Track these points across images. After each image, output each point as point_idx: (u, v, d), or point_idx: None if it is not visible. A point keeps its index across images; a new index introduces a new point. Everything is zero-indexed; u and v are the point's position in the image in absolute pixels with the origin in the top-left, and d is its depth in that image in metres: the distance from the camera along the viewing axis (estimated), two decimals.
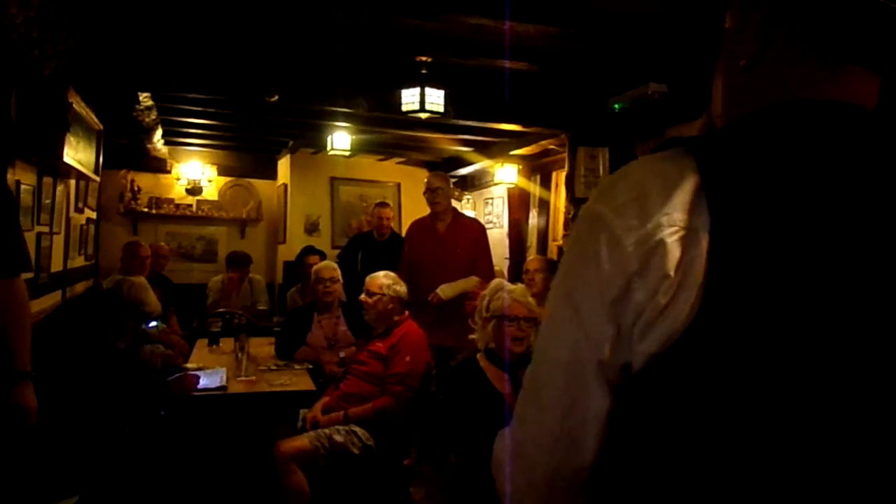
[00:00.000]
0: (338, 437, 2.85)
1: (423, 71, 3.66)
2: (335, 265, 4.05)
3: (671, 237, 0.59)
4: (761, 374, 0.56)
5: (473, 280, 3.80)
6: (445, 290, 3.73)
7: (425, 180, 4.15)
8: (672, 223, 0.59)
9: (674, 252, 0.58)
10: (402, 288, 3.23)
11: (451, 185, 4.20)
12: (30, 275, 2.85)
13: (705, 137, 0.65)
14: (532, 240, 6.25)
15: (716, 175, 0.60)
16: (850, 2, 0.61)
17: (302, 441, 2.82)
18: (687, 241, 0.58)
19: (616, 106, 3.89)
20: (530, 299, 2.57)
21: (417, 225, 4.18)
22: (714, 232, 0.57)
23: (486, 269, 3.94)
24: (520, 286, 2.62)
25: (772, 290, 0.56)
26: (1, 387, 2.04)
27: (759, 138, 0.62)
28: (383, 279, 3.22)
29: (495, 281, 2.73)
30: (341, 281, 3.99)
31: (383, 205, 4.95)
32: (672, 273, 0.58)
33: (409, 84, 3.70)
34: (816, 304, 0.56)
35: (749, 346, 0.56)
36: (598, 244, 0.62)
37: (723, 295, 0.57)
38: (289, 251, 6.32)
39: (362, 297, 3.21)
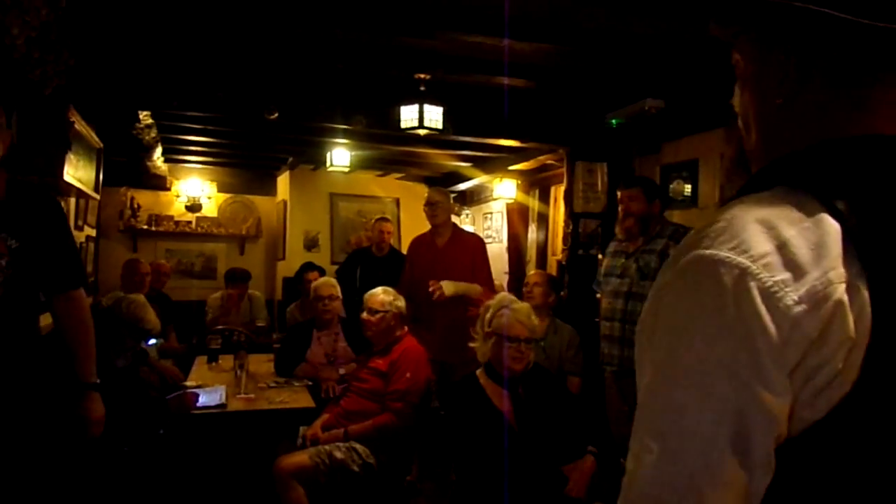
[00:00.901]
0: (338, 454, 2.83)
1: (422, 88, 3.69)
2: (334, 282, 4.05)
3: (844, 293, 0.54)
4: None
5: (477, 288, 3.80)
6: (448, 287, 3.72)
7: (425, 195, 4.17)
8: (840, 278, 0.54)
9: (850, 312, 0.54)
10: (402, 303, 3.23)
11: (451, 200, 4.22)
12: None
13: (804, 172, 0.62)
14: (531, 254, 6.26)
15: (857, 220, 0.56)
16: (871, 28, 0.61)
17: (302, 457, 2.80)
18: (850, 296, 0.54)
19: (613, 121, 3.92)
20: (534, 319, 2.57)
21: (417, 242, 4.19)
22: (872, 283, 0.54)
23: (486, 281, 3.96)
24: (524, 305, 2.60)
25: None
26: (68, 398, 2.14)
27: (877, 177, 0.60)
28: (384, 296, 3.21)
29: (501, 295, 2.72)
30: (340, 298, 3.99)
31: (384, 220, 4.96)
32: (853, 335, 0.53)
33: (408, 101, 3.73)
34: None
35: None
36: (752, 302, 0.54)
37: (889, 349, 0.53)
38: (288, 267, 6.32)
39: (364, 315, 3.19)
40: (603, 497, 2.36)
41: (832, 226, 0.56)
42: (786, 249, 0.55)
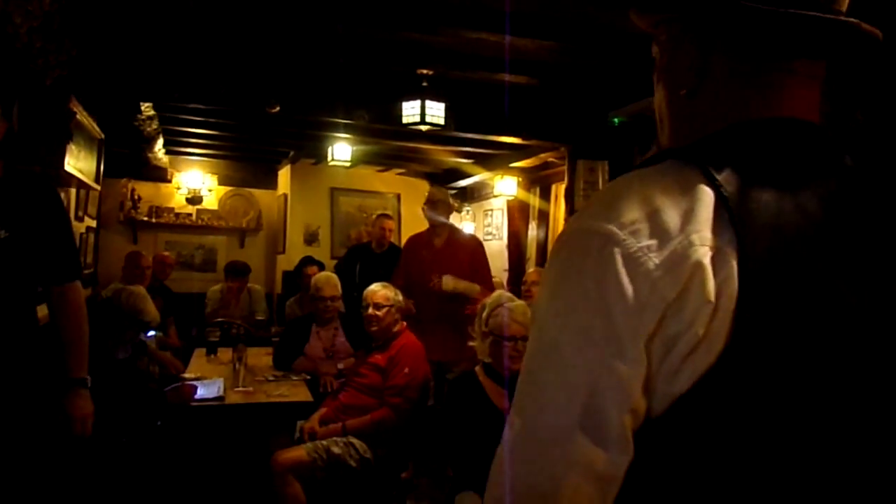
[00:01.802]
0: (335, 449, 2.84)
1: (424, 84, 3.69)
2: (336, 281, 3.97)
3: (706, 257, 0.53)
4: (801, 403, 0.53)
5: (477, 287, 3.79)
6: (448, 281, 3.69)
7: (426, 191, 4.16)
8: (703, 241, 0.53)
9: (710, 276, 0.53)
10: (402, 298, 3.25)
11: (451, 200, 4.20)
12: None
13: (695, 151, 0.62)
14: (531, 252, 6.25)
15: (734, 190, 0.56)
16: (772, 14, 0.60)
17: (299, 452, 2.81)
18: (717, 262, 0.53)
19: (615, 120, 3.92)
20: (530, 316, 2.56)
21: (414, 241, 4.16)
22: (741, 250, 0.53)
23: (486, 282, 3.93)
24: (520, 303, 2.58)
25: (805, 311, 0.54)
26: (55, 394, 2.08)
27: (759, 153, 0.61)
28: (386, 291, 3.22)
29: (497, 293, 2.71)
30: (341, 294, 3.98)
31: (386, 216, 4.95)
32: (712, 299, 0.52)
33: (410, 96, 3.72)
34: (851, 322, 0.55)
35: (788, 373, 0.52)
36: (613, 268, 0.54)
37: (756, 319, 0.52)
38: (288, 261, 6.32)
39: (370, 310, 3.18)
40: None
41: (706, 193, 0.55)
42: (656, 217, 0.55)
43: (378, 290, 3.23)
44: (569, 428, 0.53)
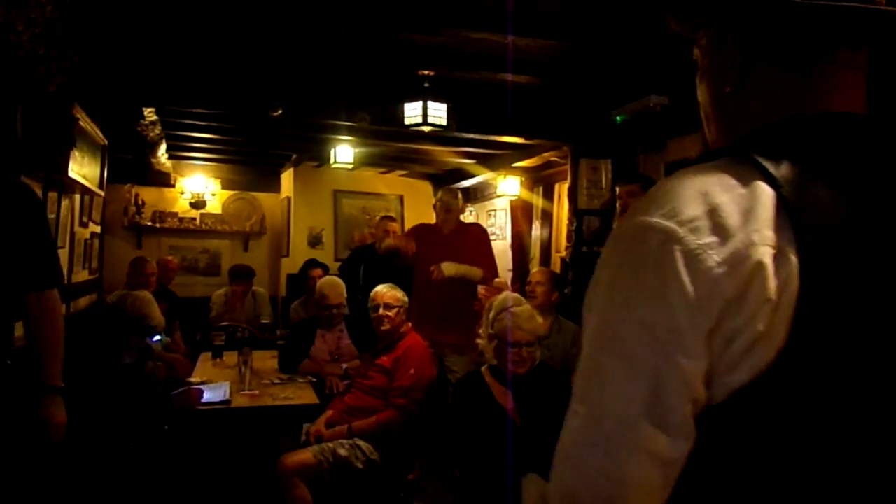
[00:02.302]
0: (342, 451, 2.84)
1: (426, 85, 3.69)
2: (343, 288, 3.94)
3: (767, 256, 0.54)
4: (859, 399, 0.54)
5: (478, 271, 3.82)
6: (449, 268, 3.73)
7: (439, 195, 4.20)
8: (764, 241, 0.55)
9: (772, 274, 0.54)
10: (407, 298, 3.27)
11: (461, 203, 4.27)
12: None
13: (751, 145, 0.62)
14: (535, 251, 6.24)
15: (793, 187, 0.57)
16: (812, 7, 0.61)
17: (305, 455, 2.81)
18: (778, 261, 0.54)
19: (618, 118, 3.90)
20: (538, 320, 2.56)
21: (422, 227, 4.22)
22: (802, 248, 0.54)
23: (489, 268, 4.00)
24: (526, 307, 2.57)
25: (865, 309, 0.54)
26: (29, 400, 2.04)
27: (812, 147, 0.61)
28: (394, 291, 3.25)
29: (504, 295, 2.71)
30: (346, 296, 3.98)
31: (390, 218, 4.95)
32: (773, 296, 0.54)
33: (412, 98, 3.72)
34: None
35: (848, 370, 0.53)
36: (674, 265, 0.55)
37: (816, 317, 0.54)
38: (292, 264, 6.33)
39: (381, 311, 3.18)
40: None
41: (766, 192, 0.56)
42: (715, 214, 0.56)
43: (387, 292, 3.24)
44: (634, 416, 0.55)
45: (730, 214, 0.56)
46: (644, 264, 0.57)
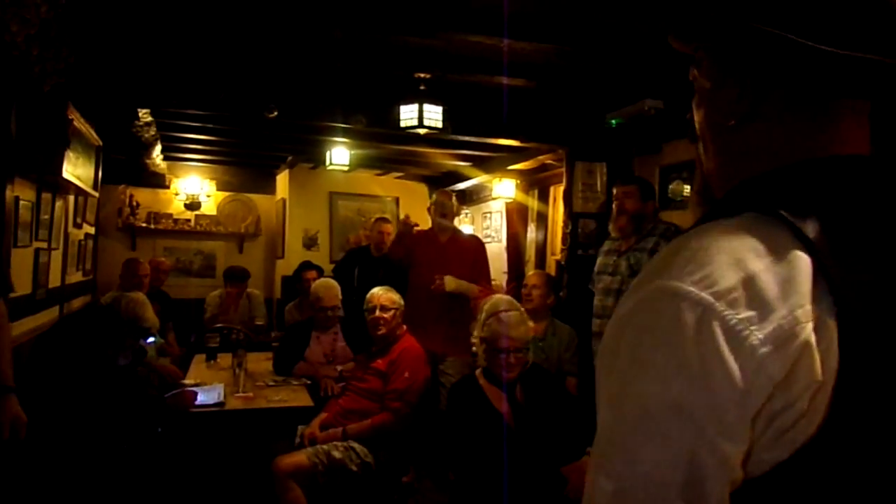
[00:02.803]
0: (336, 454, 2.83)
1: (422, 87, 3.69)
2: (338, 290, 3.94)
3: (812, 336, 0.51)
4: None
5: (475, 288, 3.83)
6: (450, 282, 3.73)
7: (433, 197, 4.20)
8: (807, 317, 0.51)
9: (818, 354, 0.51)
10: (402, 301, 3.27)
11: (456, 205, 4.27)
12: (19, 293, 2.90)
13: (775, 196, 0.59)
14: (530, 254, 6.25)
15: (829, 251, 0.53)
16: (839, 55, 0.59)
17: (300, 457, 2.80)
18: (818, 334, 0.51)
19: (613, 122, 3.91)
20: (527, 325, 2.56)
21: (419, 235, 4.19)
22: (842, 319, 0.51)
23: (486, 282, 3.99)
24: (516, 313, 2.56)
25: None
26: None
27: (840, 197, 0.58)
28: (390, 294, 3.24)
29: (496, 298, 2.71)
30: (340, 297, 3.98)
31: (384, 220, 4.95)
32: (821, 378, 0.50)
33: (408, 100, 3.73)
34: None
35: (889, 446, 0.51)
36: (714, 343, 0.51)
37: (857, 390, 0.51)
38: (287, 266, 6.32)
39: (378, 313, 3.18)
40: None
41: (802, 259, 0.53)
42: (752, 285, 0.52)
43: (382, 294, 3.24)
44: (670, 499, 0.53)
45: (768, 285, 0.52)
46: (679, 338, 0.53)
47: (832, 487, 0.52)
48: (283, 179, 7.00)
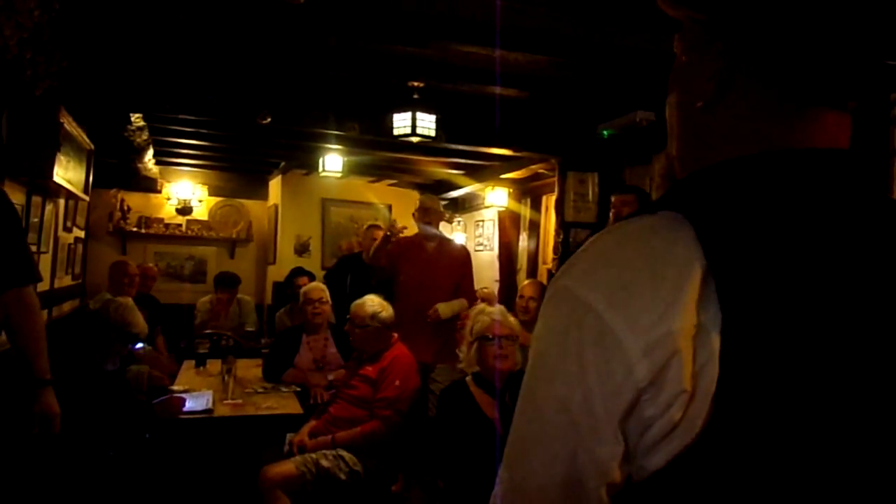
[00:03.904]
0: (325, 462, 2.82)
1: (415, 96, 3.71)
2: (324, 287, 4.04)
3: (685, 343, 0.49)
4: (784, 479, 0.50)
5: (465, 303, 3.83)
6: (444, 310, 3.73)
7: (418, 200, 4.18)
8: (685, 325, 0.49)
9: (689, 362, 0.49)
10: (387, 313, 3.20)
11: (442, 209, 4.26)
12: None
13: (692, 196, 0.57)
14: (522, 262, 6.27)
15: (721, 254, 0.51)
16: (816, 42, 0.55)
17: (288, 466, 2.79)
18: (698, 343, 0.50)
19: (605, 132, 3.95)
20: (510, 319, 2.65)
21: (406, 243, 4.16)
22: (726, 329, 0.49)
23: (469, 294, 4.01)
24: (498, 307, 2.71)
25: (800, 385, 0.49)
26: (23, 395, 2.10)
27: (757, 200, 0.54)
28: (369, 308, 3.17)
29: (477, 306, 2.79)
30: (330, 303, 3.98)
31: (376, 227, 4.95)
32: (689, 388, 0.49)
33: (401, 108, 3.74)
34: (852, 394, 0.50)
35: (773, 450, 0.49)
36: (598, 346, 0.52)
37: (737, 401, 0.49)
38: (278, 272, 6.30)
39: (347, 326, 3.19)
40: None
41: (694, 265, 0.50)
42: (636, 290, 0.51)
43: (363, 306, 3.17)
44: (554, 493, 0.55)
45: (652, 291, 0.51)
46: (565, 339, 0.54)
47: (708, 496, 0.51)
48: (275, 185, 6.99)
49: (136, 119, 4.24)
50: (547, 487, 0.55)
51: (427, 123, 3.74)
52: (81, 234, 5.28)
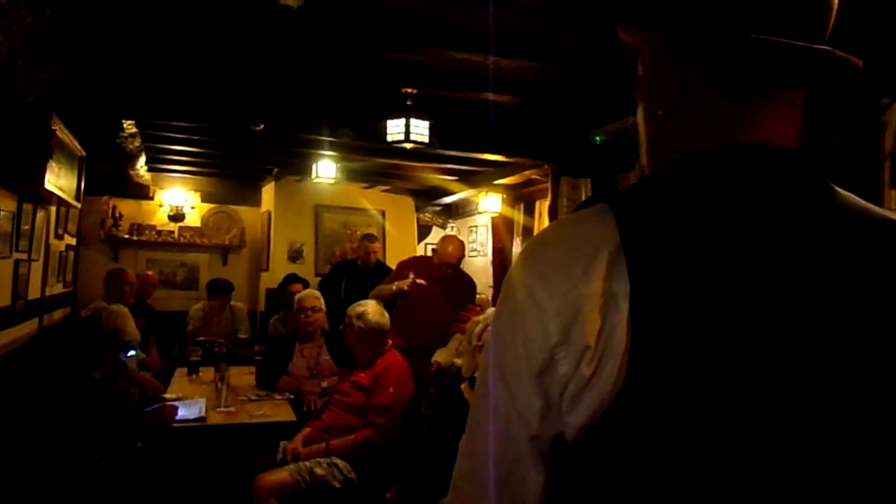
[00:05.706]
0: (319, 470, 2.81)
1: (409, 102, 3.71)
2: (318, 294, 4.03)
3: (590, 306, 0.56)
4: (694, 437, 0.55)
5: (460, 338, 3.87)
6: (445, 357, 3.74)
7: (440, 243, 4.26)
8: (592, 290, 0.57)
9: (593, 322, 0.56)
10: (383, 319, 3.20)
11: (462, 244, 4.35)
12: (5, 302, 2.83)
13: (627, 192, 0.64)
14: None
15: (634, 235, 0.58)
16: (750, 38, 0.60)
17: (282, 475, 2.77)
18: (606, 309, 0.56)
19: (598, 138, 3.96)
20: None
21: (422, 264, 4.25)
22: (633, 297, 0.55)
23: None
24: (490, 310, 2.69)
25: (696, 352, 0.54)
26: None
27: (676, 191, 0.61)
28: (359, 308, 3.19)
29: (490, 311, 2.75)
30: (324, 310, 3.97)
31: (371, 238, 4.95)
32: (592, 344, 0.56)
33: (395, 114, 3.74)
34: (743, 361, 0.55)
35: (677, 412, 0.54)
36: (524, 312, 0.60)
37: (647, 362, 0.54)
38: (272, 279, 6.28)
39: (341, 327, 3.20)
40: None
41: (609, 243, 0.58)
42: (565, 264, 0.59)
43: (357, 306, 3.20)
44: (495, 450, 0.62)
45: (569, 266, 0.59)
46: (509, 310, 0.63)
47: (634, 452, 0.56)
48: (268, 192, 6.97)
49: (129, 126, 4.23)
50: (488, 443, 0.63)
51: (421, 130, 3.75)
52: (73, 241, 5.25)
